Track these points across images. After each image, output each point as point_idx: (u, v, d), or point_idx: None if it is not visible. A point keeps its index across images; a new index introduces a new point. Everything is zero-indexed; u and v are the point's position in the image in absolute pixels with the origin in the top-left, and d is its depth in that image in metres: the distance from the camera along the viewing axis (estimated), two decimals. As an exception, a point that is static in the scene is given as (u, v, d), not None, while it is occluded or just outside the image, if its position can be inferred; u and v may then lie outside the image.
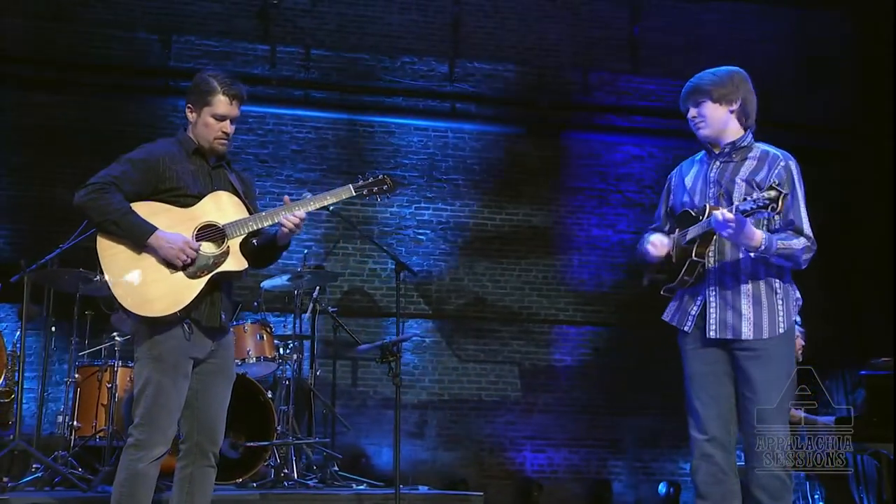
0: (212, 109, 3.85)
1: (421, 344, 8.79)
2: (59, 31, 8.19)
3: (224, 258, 3.77)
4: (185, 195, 3.81)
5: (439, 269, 8.89)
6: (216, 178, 3.94)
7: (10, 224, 7.79)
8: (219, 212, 3.82)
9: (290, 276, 6.19)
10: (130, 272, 3.69)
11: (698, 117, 3.77)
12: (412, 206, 8.91)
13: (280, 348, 6.12)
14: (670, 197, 3.94)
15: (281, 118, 8.74)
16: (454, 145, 9.09)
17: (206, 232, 3.78)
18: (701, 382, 3.67)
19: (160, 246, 3.67)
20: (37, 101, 8.05)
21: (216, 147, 3.90)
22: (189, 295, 3.71)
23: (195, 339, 3.77)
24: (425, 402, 8.71)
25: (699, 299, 3.71)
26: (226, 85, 3.87)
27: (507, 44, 9.34)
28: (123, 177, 3.74)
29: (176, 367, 3.74)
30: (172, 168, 3.81)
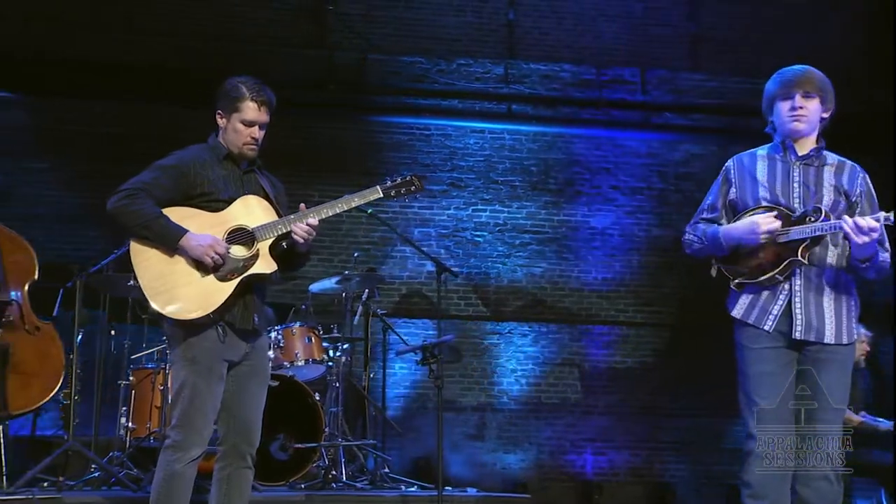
0: (241, 115, 3.83)
1: (479, 346, 8.70)
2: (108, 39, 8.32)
3: (254, 261, 3.74)
4: (216, 200, 3.80)
5: (497, 271, 8.78)
6: (247, 182, 3.93)
7: (79, 229, 7.94)
8: (248, 215, 3.80)
9: (338, 278, 6.17)
10: (162, 276, 3.69)
11: (804, 109, 3.60)
12: (469, 209, 8.82)
13: (329, 351, 6.09)
14: (730, 189, 3.76)
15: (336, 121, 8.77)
16: (511, 147, 8.97)
17: (236, 235, 3.76)
18: (768, 382, 3.56)
19: (190, 247, 3.66)
20: (98, 111, 8.22)
21: (245, 152, 3.89)
22: (220, 297, 3.69)
23: (229, 341, 3.75)
24: (484, 405, 8.61)
25: (781, 298, 3.58)
26: (254, 91, 3.85)
27: (562, 44, 9.18)
28: (154, 183, 3.75)
29: (210, 370, 3.73)
30: (203, 174, 3.81)
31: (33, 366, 5.48)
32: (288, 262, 3.98)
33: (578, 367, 8.80)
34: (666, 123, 9.24)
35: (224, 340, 3.73)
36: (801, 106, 3.61)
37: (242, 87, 3.85)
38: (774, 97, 3.68)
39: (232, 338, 3.76)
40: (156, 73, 8.17)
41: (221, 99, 3.90)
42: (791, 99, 3.62)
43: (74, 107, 8.19)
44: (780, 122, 3.67)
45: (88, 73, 8.18)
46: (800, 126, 3.63)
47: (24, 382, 5.44)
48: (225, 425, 3.84)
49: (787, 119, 3.64)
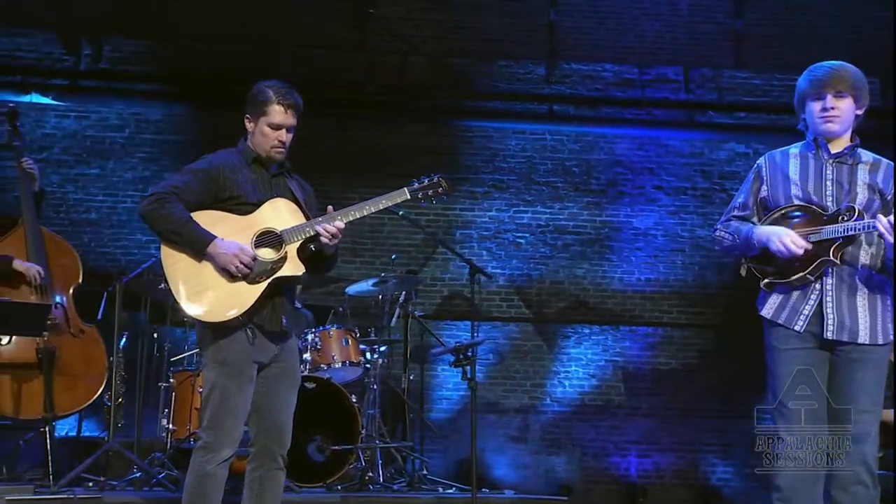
0: (268, 119, 3.87)
1: (522, 348, 8.65)
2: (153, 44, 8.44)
3: (282, 263, 3.78)
4: (245, 203, 3.85)
5: (539, 273, 8.72)
6: (276, 185, 3.96)
7: (128, 234, 8.07)
8: (277, 218, 3.84)
9: (375, 280, 6.18)
10: (192, 279, 3.74)
11: (836, 110, 3.52)
12: (511, 210, 8.77)
13: (367, 353, 6.12)
14: (762, 187, 3.71)
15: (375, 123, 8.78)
16: (552, 147, 8.90)
17: (265, 238, 3.80)
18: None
19: (216, 254, 3.71)
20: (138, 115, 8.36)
21: (273, 155, 3.93)
22: (249, 300, 3.73)
23: (259, 343, 3.79)
24: (527, 407, 8.55)
25: (812, 298, 3.52)
26: (281, 94, 3.88)
27: (604, 43, 9.09)
28: (185, 187, 3.80)
29: (240, 371, 3.77)
30: (232, 177, 3.85)
31: (78, 368, 5.60)
32: (316, 265, 4.01)
33: (622, 368, 8.71)
34: (710, 122, 9.09)
35: (253, 342, 3.77)
36: (832, 107, 3.53)
37: (269, 91, 3.90)
38: (805, 96, 3.61)
39: (261, 340, 3.80)
40: (197, 77, 8.27)
41: (249, 103, 3.95)
42: (822, 99, 3.55)
43: (122, 113, 8.34)
44: (812, 121, 3.60)
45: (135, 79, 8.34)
46: (832, 127, 3.56)
47: (70, 384, 5.56)
48: (256, 427, 3.88)
49: (818, 120, 3.57)
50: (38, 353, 5.42)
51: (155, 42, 8.43)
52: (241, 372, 3.77)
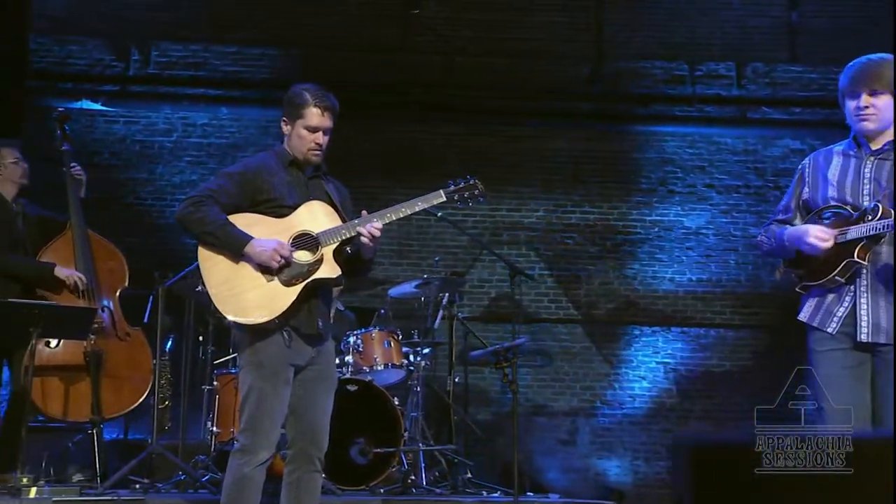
0: (304, 121, 3.87)
1: (571, 350, 8.59)
2: (207, 49, 8.52)
3: (318, 266, 3.79)
4: (281, 206, 3.86)
5: (588, 273, 8.65)
6: (312, 188, 3.97)
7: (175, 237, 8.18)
8: (313, 221, 3.84)
9: (417, 282, 6.17)
10: (229, 282, 3.76)
11: (871, 108, 3.44)
12: (559, 210, 8.70)
13: (410, 355, 6.11)
14: (803, 189, 3.64)
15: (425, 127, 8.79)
16: (599, 146, 8.81)
17: (301, 241, 3.81)
18: (835, 385, 3.42)
19: (255, 253, 3.72)
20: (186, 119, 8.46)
21: (310, 158, 3.93)
22: (285, 302, 3.74)
23: (295, 345, 3.80)
24: (576, 409, 8.48)
25: (846, 300, 3.46)
26: (318, 97, 3.89)
27: (653, 40, 8.96)
28: (221, 190, 3.83)
29: (277, 374, 3.78)
30: (268, 180, 3.87)
31: (124, 371, 5.65)
32: (353, 268, 4.02)
33: (674, 370, 8.59)
34: (763, 118, 8.93)
35: (290, 345, 3.78)
36: (866, 105, 3.45)
37: (306, 94, 3.91)
38: (843, 93, 3.53)
39: (297, 342, 3.81)
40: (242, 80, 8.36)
41: (286, 106, 3.97)
42: (857, 98, 3.47)
43: (169, 117, 8.46)
44: (850, 119, 3.54)
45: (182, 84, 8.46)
46: (868, 125, 3.47)
47: (116, 387, 5.62)
48: (293, 429, 3.89)
49: (854, 119, 3.50)
50: (85, 357, 5.49)
51: (201, 46, 8.54)
52: (277, 374, 3.78)
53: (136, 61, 8.43)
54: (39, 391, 5.38)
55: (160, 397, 6.21)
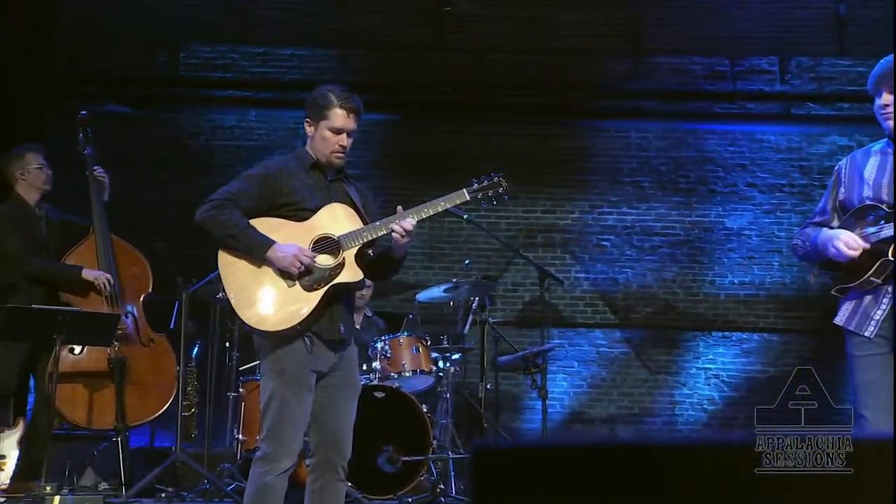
0: (329, 123, 3.86)
1: (608, 355, 8.52)
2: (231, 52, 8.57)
3: (340, 270, 3.77)
4: (302, 209, 3.85)
5: (625, 277, 8.55)
6: (334, 191, 3.95)
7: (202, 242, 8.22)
8: (334, 224, 3.83)
9: (446, 287, 6.14)
10: (250, 288, 3.75)
11: (891, 107, 3.41)
12: (594, 212, 8.62)
13: (439, 361, 6.09)
14: (840, 190, 3.60)
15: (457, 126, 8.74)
16: (637, 145, 8.72)
17: (322, 244, 3.79)
18: (874, 391, 3.36)
19: (276, 258, 3.72)
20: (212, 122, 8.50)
21: (333, 160, 3.92)
22: (307, 308, 3.72)
23: (317, 352, 3.78)
24: (614, 416, 8.40)
25: (884, 302, 3.38)
26: (342, 98, 3.88)
27: (692, 34, 8.84)
28: (241, 193, 3.83)
29: (299, 381, 3.76)
30: (289, 183, 3.86)
31: (148, 378, 5.70)
32: (382, 269, 4.02)
33: (716, 376, 8.49)
34: (808, 114, 8.77)
35: (312, 351, 3.77)
36: (887, 104, 3.43)
37: (331, 95, 3.90)
38: (870, 92, 3.52)
39: (320, 348, 3.79)
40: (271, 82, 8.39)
41: (310, 107, 3.97)
42: (879, 96, 3.45)
43: (197, 120, 8.53)
44: (878, 118, 3.51)
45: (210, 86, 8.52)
46: (890, 124, 3.44)
47: (140, 394, 5.67)
48: (316, 437, 3.88)
49: (879, 117, 3.49)
50: (109, 363, 5.55)
51: (229, 48, 8.59)
52: (299, 381, 3.77)
53: (164, 63, 8.50)
54: (64, 398, 5.43)
55: (186, 404, 6.26)
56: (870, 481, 1.74)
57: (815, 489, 1.81)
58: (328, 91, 3.93)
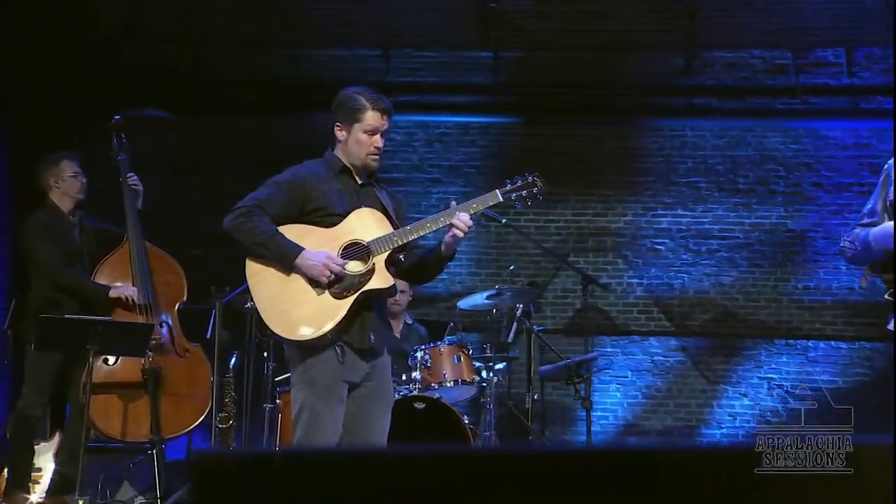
0: (363, 125, 3.94)
1: (664, 364, 8.44)
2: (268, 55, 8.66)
3: (370, 276, 3.82)
4: (331, 214, 3.90)
5: (681, 282, 8.45)
6: (364, 196, 4.00)
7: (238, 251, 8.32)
8: (363, 229, 3.88)
9: (488, 293, 6.15)
10: (278, 297, 3.81)
11: None
12: (648, 214, 8.53)
13: (482, 371, 6.09)
14: (890, 189, 3.56)
15: (504, 127, 8.72)
16: (693, 144, 8.60)
17: (352, 250, 3.84)
18: None
19: (305, 266, 3.77)
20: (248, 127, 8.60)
21: (369, 163, 3.97)
22: (336, 316, 3.77)
23: (348, 361, 3.83)
24: (671, 428, 8.30)
25: None
26: (374, 100, 3.96)
27: (752, 27, 8.68)
28: (270, 199, 3.89)
29: (330, 391, 3.81)
30: (318, 188, 3.92)
31: (183, 389, 5.76)
32: (426, 269, 4.09)
33: (779, 386, 8.37)
34: (879, 109, 8.57)
35: (343, 361, 3.81)
36: None
37: (362, 97, 3.98)
38: None
39: (351, 358, 3.84)
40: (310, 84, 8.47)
41: (339, 110, 4.02)
42: None
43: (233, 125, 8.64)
44: None
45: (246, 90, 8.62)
46: None
47: (176, 405, 5.74)
48: None
49: None
50: (143, 374, 5.62)
51: (272, 50, 8.70)
52: (330, 392, 3.82)
53: (204, 67, 8.63)
54: (98, 410, 5.53)
55: (223, 416, 6.35)
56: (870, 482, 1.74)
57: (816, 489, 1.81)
58: (357, 93, 4.01)
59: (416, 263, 4.05)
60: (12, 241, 6.59)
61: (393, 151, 8.38)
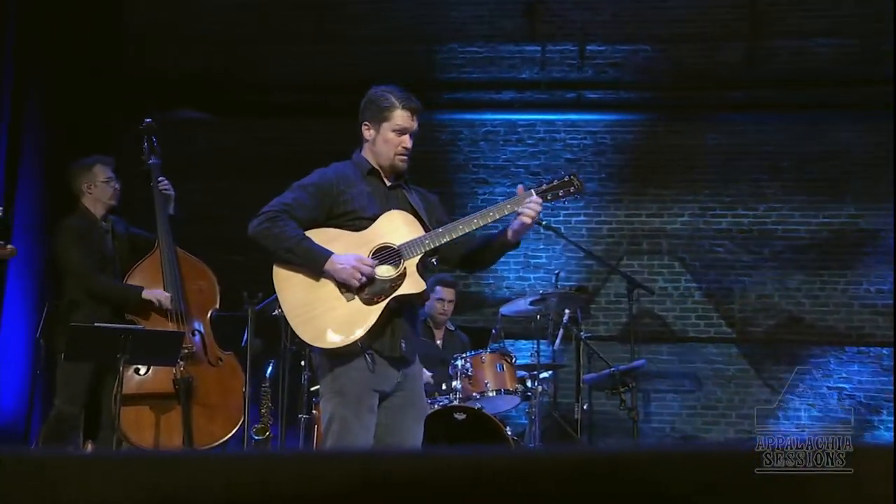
0: (391, 124, 3.95)
1: (724, 373, 8.35)
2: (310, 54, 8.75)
3: (401, 281, 3.81)
4: (360, 218, 3.90)
5: (742, 286, 8.36)
6: (393, 198, 4.00)
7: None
8: (393, 232, 3.88)
9: (533, 299, 6.13)
10: (306, 303, 3.81)
11: None
12: (707, 214, 8.44)
13: (527, 380, 6.09)
14: None
15: (553, 124, 8.68)
16: (755, 140, 8.47)
17: (382, 254, 3.84)
18: None
19: (335, 270, 3.77)
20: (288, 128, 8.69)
21: (397, 164, 3.98)
22: (366, 323, 3.77)
23: (378, 370, 3.81)
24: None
25: None
26: (403, 99, 3.97)
27: (819, 14, 8.56)
28: (296, 203, 3.91)
29: (359, 401, 3.81)
30: (347, 191, 3.92)
31: (216, 399, 5.75)
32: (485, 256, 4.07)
33: (850, 397, 8.23)
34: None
35: (373, 370, 3.81)
36: None
37: (391, 96, 3.99)
38: None
39: (382, 366, 3.83)
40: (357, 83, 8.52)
41: (367, 110, 4.04)
42: None
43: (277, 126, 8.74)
44: None
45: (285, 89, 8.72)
46: None
47: (208, 417, 5.74)
48: None
49: None
50: (174, 383, 5.65)
51: (311, 48, 8.79)
52: (360, 402, 3.82)
53: (241, 67, 8.75)
54: (129, 421, 5.59)
55: (260, 427, 6.41)
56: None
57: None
58: (386, 92, 4.02)
59: (476, 248, 4.06)
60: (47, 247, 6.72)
61: (437, 151, 8.42)
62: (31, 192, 7.24)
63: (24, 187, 7.18)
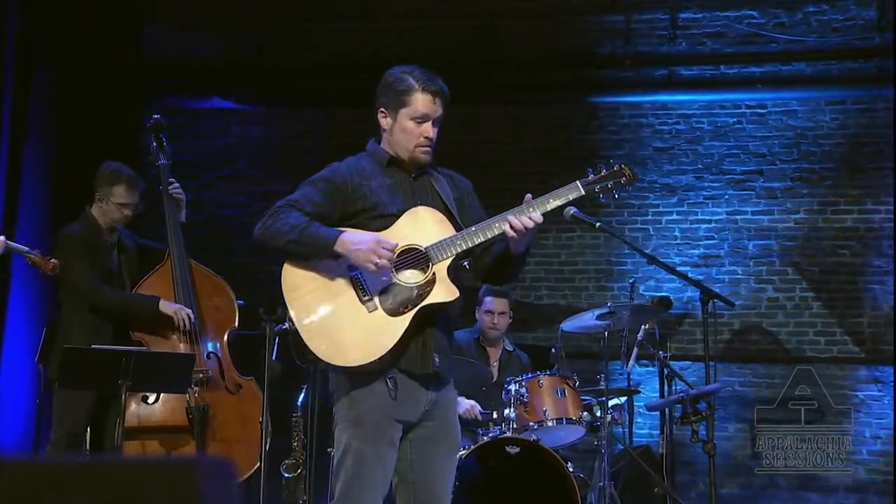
0: (410, 111, 3.94)
1: (852, 399, 8.19)
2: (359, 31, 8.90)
3: (430, 287, 3.80)
4: (381, 215, 3.92)
5: (871, 296, 8.31)
6: (420, 190, 4.02)
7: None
8: (419, 232, 3.89)
9: (599, 312, 6.13)
10: (321, 314, 3.83)
11: None
12: (826, 211, 8.34)
13: (594, 407, 6.09)
14: None
15: (640, 107, 8.73)
16: (884, 122, 8.38)
17: (407, 258, 3.85)
18: None
19: (348, 251, 3.77)
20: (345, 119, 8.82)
21: (418, 156, 3.98)
22: (392, 337, 3.77)
23: (403, 396, 3.82)
24: (865, 483, 8.07)
25: None
26: (423, 80, 3.95)
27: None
28: (303, 199, 3.92)
29: (378, 432, 3.83)
30: (364, 185, 3.94)
31: (234, 431, 5.83)
32: (499, 270, 4.07)
33: None
34: None
35: (395, 396, 3.81)
36: None
37: (409, 78, 3.98)
38: None
39: (406, 391, 3.83)
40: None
41: (383, 94, 4.03)
42: None
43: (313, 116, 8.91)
44: None
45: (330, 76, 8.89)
46: None
47: (226, 451, 5.84)
48: (404, 502, 3.99)
49: None
50: (188, 413, 5.73)
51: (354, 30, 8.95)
52: (378, 433, 3.82)
53: (274, 53, 8.95)
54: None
55: (291, 463, 6.46)
56: None
57: None
58: (405, 73, 4.00)
59: (493, 261, 4.07)
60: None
61: (499, 141, 8.47)
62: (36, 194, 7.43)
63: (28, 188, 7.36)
